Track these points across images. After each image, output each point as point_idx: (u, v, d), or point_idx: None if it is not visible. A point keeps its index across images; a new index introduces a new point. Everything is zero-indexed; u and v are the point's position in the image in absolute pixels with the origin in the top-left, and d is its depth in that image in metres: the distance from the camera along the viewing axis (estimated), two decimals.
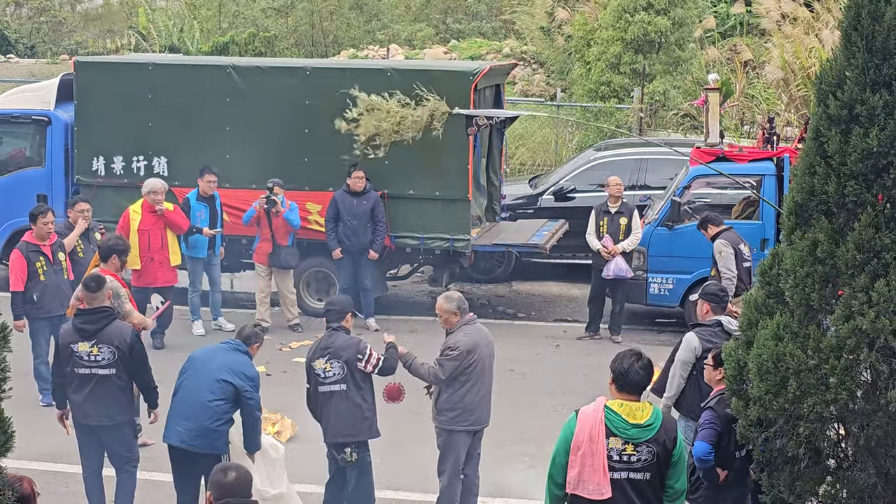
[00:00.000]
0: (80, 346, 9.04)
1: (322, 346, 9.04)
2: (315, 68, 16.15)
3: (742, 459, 7.52)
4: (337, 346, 8.99)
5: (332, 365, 8.93)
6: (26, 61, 37.30)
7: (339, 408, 8.95)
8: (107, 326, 9.09)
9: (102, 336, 9.04)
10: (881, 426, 6.51)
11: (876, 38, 6.51)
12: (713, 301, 9.42)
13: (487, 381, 9.23)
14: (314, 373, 9.01)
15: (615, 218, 14.84)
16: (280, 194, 14.76)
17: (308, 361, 9.11)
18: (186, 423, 8.73)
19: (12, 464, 6.07)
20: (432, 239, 15.55)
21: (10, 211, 16.65)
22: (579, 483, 6.61)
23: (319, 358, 8.98)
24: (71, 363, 9.09)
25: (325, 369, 8.94)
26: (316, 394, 9.06)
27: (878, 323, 6.34)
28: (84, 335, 9.06)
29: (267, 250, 14.91)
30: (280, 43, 36.15)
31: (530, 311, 16.80)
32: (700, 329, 9.24)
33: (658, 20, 23.74)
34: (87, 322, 9.11)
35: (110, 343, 9.02)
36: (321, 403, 9.04)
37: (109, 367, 9.04)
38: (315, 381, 9.03)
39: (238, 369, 8.85)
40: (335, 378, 8.95)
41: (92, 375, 9.05)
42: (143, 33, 35.53)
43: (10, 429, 5.80)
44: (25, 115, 16.80)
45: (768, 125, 15.14)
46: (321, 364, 8.96)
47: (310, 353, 9.15)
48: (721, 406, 7.51)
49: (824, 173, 6.64)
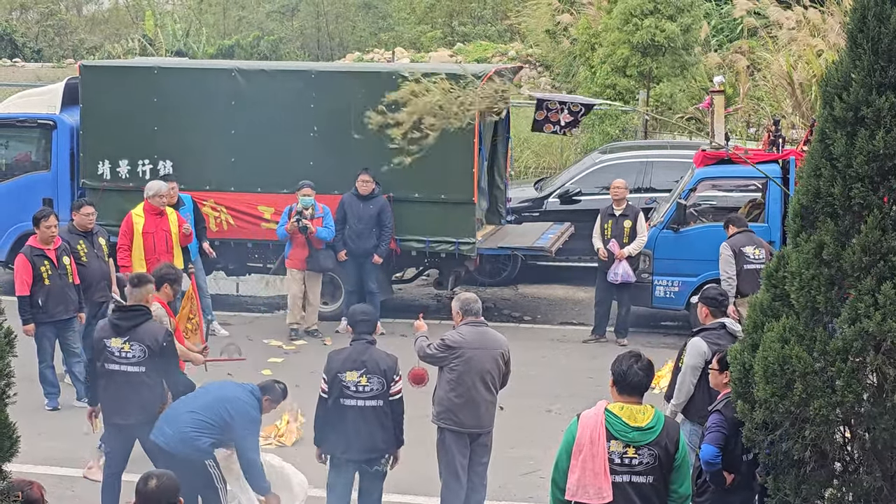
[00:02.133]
0: (112, 341, 9.15)
1: (354, 358, 8.66)
2: (320, 72, 16.15)
3: (749, 463, 7.50)
4: (375, 360, 8.66)
5: (370, 380, 8.60)
6: (32, 65, 37.37)
7: (372, 423, 8.64)
8: (141, 325, 9.19)
9: (135, 334, 9.14)
10: (888, 429, 6.49)
11: (882, 41, 6.49)
12: (712, 305, 9.38)
13: (477, 386, 9.08)
14: (342, 384, 8.60)
15: (619, 221, 14.83)
16: (311, 196, 14.69)
17: (335, 372, 8.65)
18: (171, 426, 8.74)
19: (17, 468, 6.08)
20: (437, 242, 15.54)
21: (16, 215, 16.65)
22: (578, 489, 6.60)
23: (353, 370, 8.62)
24: (103, 358, 9.19)
25: (359, 383, 8.58)
26: (339, 406, 8.64)
27: (884, 325, 6.32)
28: (118, 331, 9.16)
29: (303, 255, 14.84)
30: (285, 46, 36.21)
31: (536, 315, 16.79)
32: (705, 333, 9.22)
33: (667, 25, 23.73)
34: (122, 318, 9.25)
35: (142, 341, 9.11)
36: (349, 417, 8.60)
37: (139, 364, 9.12)
38: (340, 393, 8.62)
39: (240, 407, 8.79)
40: (372, 393, 8.62)
41: (121, 372, 9.13)
42: (151, 38, 35.60)
43: (15, 433, 5.81)
44: (31, 119, 16.82)
45: (774, 127, 15.12)
46: (354, 377, 8.59)
47: (335, 363, 8.72)
48: (728, 409, 7.49)
49: (830, 175, 6.63)
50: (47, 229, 12.06)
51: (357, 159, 15.27)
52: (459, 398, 9.08)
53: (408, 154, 13.76)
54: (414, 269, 17.14)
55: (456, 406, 9.10)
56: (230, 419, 8.73)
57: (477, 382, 9.07)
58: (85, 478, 10.40)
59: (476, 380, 9.07)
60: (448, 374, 9.10)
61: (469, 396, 9.08)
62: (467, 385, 9.06)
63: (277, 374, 12.97)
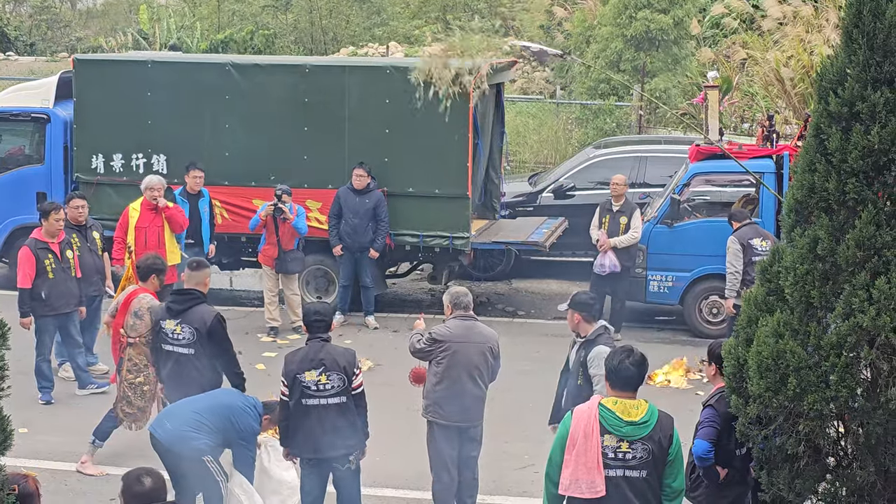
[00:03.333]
0: (167, 323, 9.55)
1: (312, 357, 8.56)
2: (314, 65, 16.14)
3: (743, 457, 7.50)
4: (333, 357, 8.59)
5: (330, 377, 8.52)
6: (26, 59, 37.28)
7: (337, 420, 8.58)
8: (193, 307, 9.53)
9: (186, 316, 9.49)
10: (881, 424, 6.50)
11: (877, 36, 6.50)
12: (583, 311, 8.85)
13: (462, 379, 9.06)
14: (302, 385, 8.50)
15: (616, 216, 14.84)
16: (288, 202, 14.66)
17: (294, 373, 8.54)
18: (172, 422, 8.72)
19: (11, 462, 6.06)
20: (432, 237, 15.54)
21: (9, 209, 16.65)
22: (572, 483, 6.61)
23: (311, 370, 8.52)
24: (159, 339, 9.60)
25: (318, 381, 8.50)
26: (302, 408, 8.54)
27: (878, 320, 6.33)
28: (171, 313, 9.54)
29: (272, 254, 14.83)
30: (279, 40, 36.15)
31: (530, 309, 16.79)
32: (601, 339, 8.84)
33: (660, 17, 23.74)
34: (176, 301, 9.61)
35: (192, 324, 9.47)
36: (313, 417, 8.51)
37: (189, 346, 9.46)
38: (301, 393, 8.52)
39: (244, 420, 8.80)
40: (335, 390, 8.56)
41: (173, 353, 9.51)
42: (146, 32, 35.53)
43: (9, 427, 5.80)
44: (25, 113, 16.78)
45: (768, 123, 15.14)
46: (313, 376, 8.51)
47: (293, 364, 8.60)
48: (721, 404, 7.48)
49: (825, 171, 6.63)
50: (56, 222, 12.07)
51: (351, 153, 15.27)
52: (445, 391, 9.08)
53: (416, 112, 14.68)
54: (408, 263, 17.13)
55: (442, 399, 9.10)
56: (232, 428, 8.74)
57: (463, 376, 9.06)
58: (78, 472, 10.39)
59: (462, 373, 9.06)
60: (435, 367, 9.12)
61: (455, 390, 9.08)
62: (453, 378, 9.06)
63: (271, 368, 12.97)
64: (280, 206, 14.55)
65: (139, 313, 10.25)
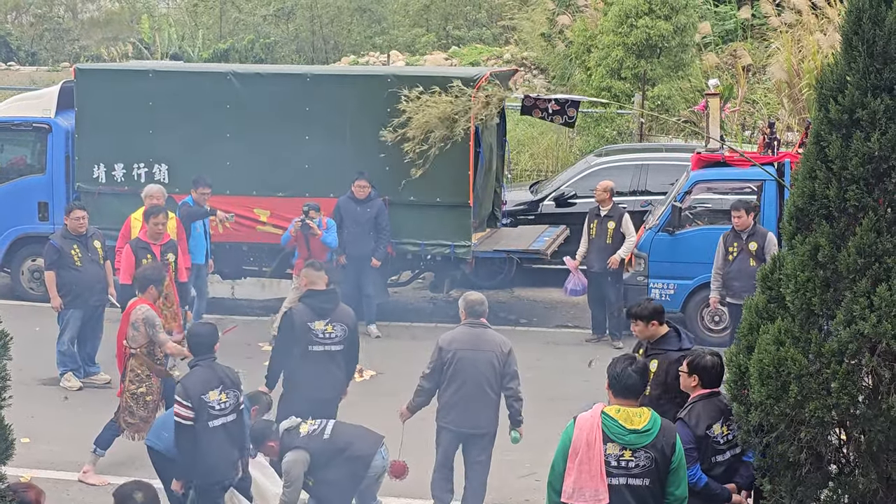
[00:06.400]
0: (316, 324, 9.59)
1: (210, 378, 8.49)
2: (315, 75, 16.15)
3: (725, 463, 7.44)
4: (228, 376, 8.56)
5: (229, 396, 8.51)
6: (27, 69, 37.31)
7: (234, 438, 8.56)
8: (338, 306, 9.72)
9: (336, 315, 9.67)
10: (883, 431, 6.49)
11: (877, 43, 6.50)
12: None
13: (469, 385, 9.13)
14: (208, 406, 8.39)
15: (604, 222, 14.90)
16: (316, 218, 14.56)
17: (199, 395, 8.39)
18: (169, 431, 8.73)
19: (12, 471, 6.06)
20: (433, 245, 15.54)
21: (10, 218, 16.66)
22: (575, 491, 6.60)
23: (214, 390, 8.44)
24: (305, 341, 9.54)
25: (220, 400, 8.45)
26: (207, 430, 8.38)
27: (879, 327, 6.32)
28: (321, 313, 9.61)
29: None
30: (280, 49, 36.18)
31: (531, 317, 16.78)
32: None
33: (660, 24, 23.75)
34: (324, 301, 9.69)
35: (342, 321, 9.68)
36: (218, 438, 8.41)
37: (340, 343, 9.66)
38: (208, 415, 8.40)
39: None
40: (231, 408, 8.52)
41: (323, 353, 9.61)
42: (148, 41, 35.56)
43: (11, 436, 5.80)
44: (26, 123, 16.81)
45: (769, 130, 15.14)
46: (216, 395, 8.44)
47: (197, 386, 8.44)
48: (692, 417, 7.40)
49: (825, 178, 6.63)
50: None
51: (353, 162, 15.27)
52: (452, 397, 9.19)
53: (418, 167, 14.21)
54: (409, 272, 17.13)
55: (450, 404, 9.22)
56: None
57: (468, 382, 9.12)
58: (80, 482, 10.39)
59: (468, 380, 9.12)
60: (445, 373, 9.19)
61: (461, 395, 9.16)
62: (458, 384, 9.14)
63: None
64: (307, 223, 14.48)
65: (136, 324, 10.31)
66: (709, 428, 7.32)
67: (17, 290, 16.88)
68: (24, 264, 16.87)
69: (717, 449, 7.40)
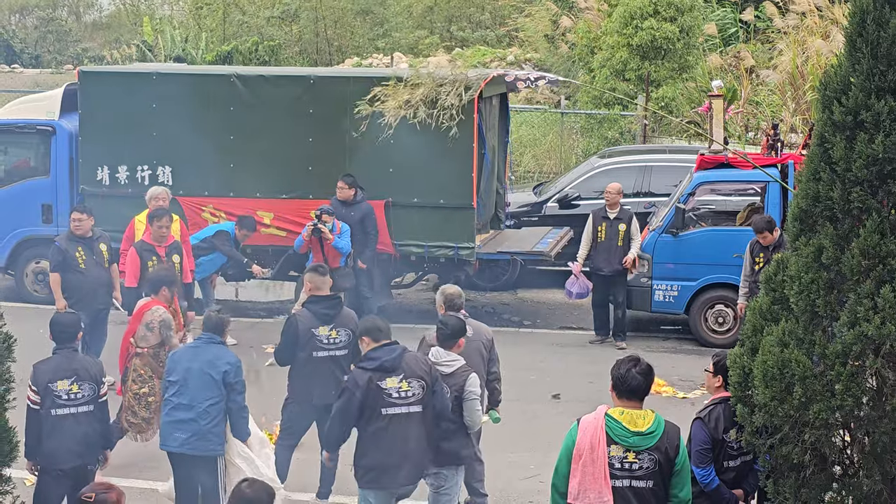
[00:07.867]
0: (320, 329, 9.55)
1: (65, 367, 8.50)
2: (319, 77, 16.15)
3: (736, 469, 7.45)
4: (85, 367, 8.58)
5: (82, 387, 8.50)
6: (31, 71, 37.41)
7: (86, 427, 8.53)
8: (342, 311, 9.70)
9: (339, 320, 9.62)
10: (887, 432, 6.49)
11: (881, 45, 6.50)
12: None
13: None
14: (54, 394, 8.38)
15: (614, 224, 14.87)
16: (329, 222, 14.47)
17: (45, 382, 8.40)
18: (185, 427, 8.77)
19: (17, 473, 6.07)
20: (437, 247, 15.54)
21: (15, 221, 16.69)
22: (579, 493, 6.59)
23: (64, 379, 8.44)
24: (310, 347, 9.52)
25: (70, 390, 8.44)
26: (51, 417, 8.40)
27: (883, 329, 6.32)
28: (324, 319, 9.56)
29: None
30: (284, 51, 36.22)
31: (535, 319, 16.78)
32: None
33: (666, 26, 23.76)
34: (328, 307, 9.65)
35: (346, 326, 9.61)
36: (65, 426, 8.42)
37: (345, 348, 9.61)
38: (53, 403, 8.39)
39: (221, 361, 8.89)
40: (85, 399, 8.52)
41: (326, 358, 9.55)
42: (150, 43, 35.60)
43: (15, 437, 5.80)
44: (30, 125, 16.81)
45: (772, 132, 15.14)
46: (65, 385, 8.44)
47: (45, 373, 8.45)
48: (712, 417, 7.42)
49: (829, 179, 6.63)
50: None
51: (355, 164, 15.26)
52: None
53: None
54: (413, 274, 17.13)
55: None
56: (223, 378, 8.84)
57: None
58: None
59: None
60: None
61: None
62: None
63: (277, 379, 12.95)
64: (319, 227, 14.45)
65: (150, 325, 10.35)
66: (725, 432, 7.32)
67: (22, 292, 16.90)
68: (28, 266, 16.89)
69: (729, 454, 7.40)
